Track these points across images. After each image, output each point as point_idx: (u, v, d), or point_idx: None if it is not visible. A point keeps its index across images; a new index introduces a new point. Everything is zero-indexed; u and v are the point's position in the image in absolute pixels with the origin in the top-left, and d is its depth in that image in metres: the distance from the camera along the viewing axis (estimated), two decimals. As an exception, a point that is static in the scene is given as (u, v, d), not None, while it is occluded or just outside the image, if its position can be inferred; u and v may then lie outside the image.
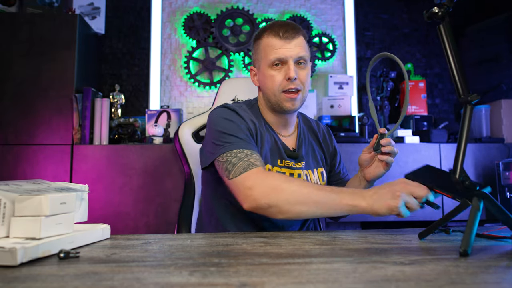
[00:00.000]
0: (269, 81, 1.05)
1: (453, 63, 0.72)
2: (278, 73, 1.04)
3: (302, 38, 1.06)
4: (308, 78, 1.07)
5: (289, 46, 1.02)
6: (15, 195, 0.63)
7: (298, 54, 1.03)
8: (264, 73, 1.07)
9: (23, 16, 2.03)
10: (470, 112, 0.70)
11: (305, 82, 1.05)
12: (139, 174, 1.93)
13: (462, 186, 0.69)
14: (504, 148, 2.14)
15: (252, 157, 0.94)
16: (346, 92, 2.46)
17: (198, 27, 2.50)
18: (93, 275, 0.50)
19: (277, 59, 1.03)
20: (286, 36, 1.02)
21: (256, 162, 0.93)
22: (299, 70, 1.04)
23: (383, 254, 0.62)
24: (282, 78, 1.04)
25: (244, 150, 0.96)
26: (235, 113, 1.06)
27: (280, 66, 1.04)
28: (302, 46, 1.05)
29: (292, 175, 1.09)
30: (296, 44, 1.03)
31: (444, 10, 0.73)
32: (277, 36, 1.03)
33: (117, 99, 2.24)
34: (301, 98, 1.07)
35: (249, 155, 0.95)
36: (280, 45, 1.03)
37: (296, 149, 1.14)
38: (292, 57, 1.03)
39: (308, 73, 1.07)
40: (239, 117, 1.06)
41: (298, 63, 1.05)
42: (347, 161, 2.04)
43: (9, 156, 1.92)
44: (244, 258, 0.60)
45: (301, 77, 1.04)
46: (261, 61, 1.07)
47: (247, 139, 1.00)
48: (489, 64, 2.42)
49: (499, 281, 0.47)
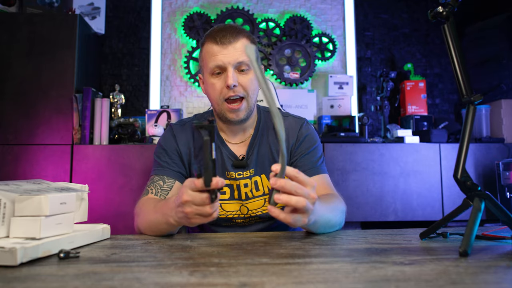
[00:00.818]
0: (211, 89, 1.01)
1: (457, 64, 0.72)
2: (218, 81, 0.99)
3: (245, 41, 0.99)
4: (252, 84, 0.99)
5: (227, 51, 0.96)
6: (15, 195, 0.63)
7: (237, 59, 0.96)
8: (207, 82, 1.02)
9: (23, 16, 2.03)
10: (473, 113, 0.70)
11: (248, 88, 0.99)
12: (139, 174, 1.93)
13: (464, 186, 0.69)
14: (504, 148, 2.14)
15: (152, 184, 1.01)
16: (346, 92, 2.46)
17: (198, 27, 2.50)
18: (93, 275, 0.50)
19: (215, 66, 0.97)
20: (223, 42, 0.96)
21: (151, 189, 1.00)
22: (240, 76, 0.98)
23: (383, 254, 0.62)
24: (222, 86, 0.98)
25: (155, 177, 1.03)
26: (171, 135, 1.09)
27: (220, 74, 0.99)
28: (243, 50, 0.97)
29: (238, 186, 1.06)
30: (235, 49, 0.97)
31: (449, 9, 0.73)
32: (215, 42, 0.97)
33: (117, 99, 2.24)
34: (247, 107, 1.00)
35: (154, 182, 1.02)
36: (218, 51, 0.97)
37: (246, 156, 1.07)
38: (230, 63, 0.96)
39: (252, 78, 0.99)
40: (172, 139, 1.08)
41: (240, 69, 0.98)
42: (347, 161, 2.05)
43: (9, 156, 1.92)
44: (244, 258, 0.60)
45: (243, 83, 0.98)
46: (204, 69, 1.03)
47: (165, 164, 1.04)
48: (489, 64, 2.42)
49: (499, 281, 0.47)
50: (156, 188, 1.00)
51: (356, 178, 2.04)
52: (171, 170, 1.03)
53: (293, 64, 2.53)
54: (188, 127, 1.10)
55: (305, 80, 2.52)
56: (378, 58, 2.66)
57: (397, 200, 2.04)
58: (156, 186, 1.01)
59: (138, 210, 0.95)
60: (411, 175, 2.05)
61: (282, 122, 0.61)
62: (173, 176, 1.03)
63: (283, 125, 0.62)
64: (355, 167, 2.05)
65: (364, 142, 2.11)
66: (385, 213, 2.03)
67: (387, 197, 2.04)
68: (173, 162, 1.05)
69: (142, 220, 0.91)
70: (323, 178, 1.04)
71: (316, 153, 1.08)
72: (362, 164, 2.05)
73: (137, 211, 0.96)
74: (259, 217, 1.08)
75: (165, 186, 1.01)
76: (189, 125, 1.11)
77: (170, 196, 1.00)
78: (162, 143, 1.08)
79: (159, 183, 1.01)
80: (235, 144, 1.09)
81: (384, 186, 2.04)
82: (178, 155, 1.06)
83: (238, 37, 0.98)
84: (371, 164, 2.05)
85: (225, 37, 0.97)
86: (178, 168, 1.05)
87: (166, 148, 1.06)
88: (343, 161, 2.05)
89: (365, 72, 2.65)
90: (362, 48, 2.66)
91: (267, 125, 1.12)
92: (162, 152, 1.06)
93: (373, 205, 2.03)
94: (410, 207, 2.04)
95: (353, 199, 2.02)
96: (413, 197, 2.05)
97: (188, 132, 1.09)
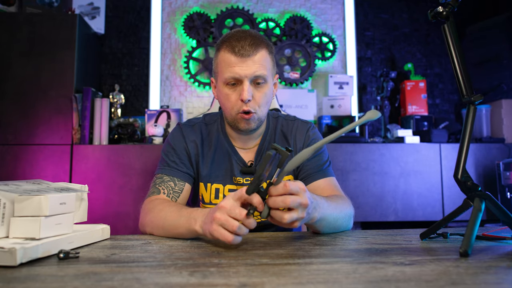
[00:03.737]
0: (224, 99, 0.99)
1: (457, 64, 0.72)
2: (233, 93, 0.97)
3: (264, 53, 0.96)
4: (265, 98, 0.98)
5: (245, 64, 0.93)
6: (15, 195, 0.63)
7: (254, 73, 0.94)
8: (220, 90, 1.00)
9: (22, 16, 2.02)
10: (473, 113, 0.70)
11: (260, 103, 0.97)
12: (139, 174, 1.93)
13: (465, 186, 0.69)
14: (505, 148, 2.14)
15: (163, 184, 1.00)
16: (346, 92, 2.46)
17: (198, 27, 2.50)
18: (93, 275, 0.50)
19: (231, 78, 0.95)
20: (241, 54, 0.93)
21: (163, 189, 0.99)
22: (255, 90, 0.96)
23: (383, 254, 0.62)
24: (236, 99, 0.96)
25: (165, 177, 1.01)
26: (180, 134, 1.07)
27: (235, 85, 0.96)
28: (261, 63, 0.95)
29: None
30: (254, 62, 0.94)
31: (449, 9, 0.73)
32: (233, 52, 0.94)
33: (117, 99, 2.24)
34: (257, 118, 0.99)
35: (165, 182, 1.01)
36: (235, 62, 0.93)
37: (254, 162, 1.08)
38: (247, 77, 0.94)
39: (266, 92, 0.98)
40: (181, 138, 1.06)
41: (256, 82, 0.96)
42: (347, 161, 2.04)
43: (9, 156, 1.91)
44: (244, 258, 0.60)
45: (257, 98, 0.97)
46: (218, 76, 1.00)
47: (174, 164, 1.03)
48: (489, 64, 2.42)
49: (499, 282, 0.47)
50: (168, 189, 0.99)
51: (356, 178, 2.04)
52: (180, 171, 1.03)
53: (293, 64, 2.53)
54: (197, 128, 1.09)
55: (305, 80, 2.52)
56: (378, 58, 2.66)
57: (397, 200, 2.04)
58: (168, 186, 1.00)
59: (151, 207, 0.92)
60: (411, 175, 2.05)
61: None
62: (183, 178, 1.02)
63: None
64: (355, 167, 2.05)
65: (364, 142, 2.11)
66: (385, 213, 2.03)
67: (388, 197, 2.04)
68: (182, 162, 1.04)
69: (155, 217, 0.87)
70: (330, 181, 1.04)
71: (323, 157, 1.07)
72: (362, 164, 2.05)
73: (148, 207, 0.93)
74: (265, 224, 1.08)
75: (176, 188, 1.00)
76: (198, 126, 1.09)
77: (181, 198, 1.01)
78: (171, 141, 1.07)
79: (170, 184, 1.00)
80: (244, 150, 1.09)
81: (384, 186, 2.04)
82: (187, 154, 1.05)
83: (258, 49, 0.94)
84: (371, 164, 2.05)
85: (244, 49, 0.93)
86: (186, 169, 1.04)
87: (175, 147, 1.05)
88: (343, 161, 2.05)
89: (365, 72, 2.65)
90: (362, 48, 2.66)
91: (275, 131, 1.11)
92: (171, 150, 1.05)
93: (373, 205, 2.03)
94: (410, 207, 2.04)
95: (353, 199, 2.02)
96: (414, 197, 2.05)
97: (198, 133, 1.08)
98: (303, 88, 2.53)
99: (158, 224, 0.86)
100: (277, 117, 1.14)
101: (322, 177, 1.03)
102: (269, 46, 0.99)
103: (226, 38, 0.97)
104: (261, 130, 1.09)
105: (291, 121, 1.13)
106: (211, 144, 1.08)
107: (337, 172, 2.03)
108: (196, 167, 1.07)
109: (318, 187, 1.02)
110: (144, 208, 0.95)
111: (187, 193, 1.03)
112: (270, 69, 0.99)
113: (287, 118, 1.14)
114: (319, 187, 1.02)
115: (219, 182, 1.06)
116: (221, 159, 1.07)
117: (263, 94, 0.98)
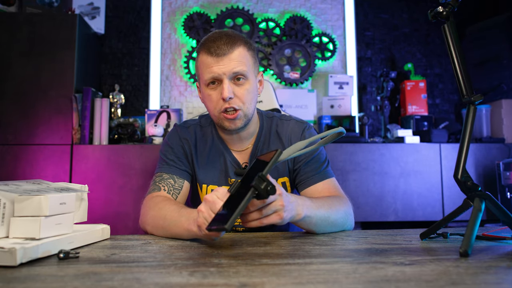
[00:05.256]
0: (207, 101, 1.00)
1: (457, 64, 0.72)
2: (214, 92, 0.97)
3: (241, 50, 0.96)
4: (248, 94, 0.98)
5: (222, 62, 0.94)
6: (15, 195, 0.63)
7: (232, 70, 0.94)
8: (203, 92, 1.00)
9: (22, 16, 2.02)
10: (473, 113, 0.70)
11: (244, 99, 0.97)
12: (139, 174, 1.93)
13: (465, 186, 0.69)
14: (505, 148, 2.14)
15: (163, 181, 1.01)
16: (346, 92, 2.46)
17: (198, 27, 2.50)
18: (93, 275, 0.50)
19: (210, 78, 0.95)
20: (217, 53, 0.93)
21: (163, 187, 1.00)
22: (236, 88, 0.96)
23: (383, 254, 0.62)
24: (218, 98, 0.96)
25: (164, 175, 1.03)
26: (176, 134, 1.09)
27: (216, 84, 0.97)
28: (239, 60, 0.95)
29: None
30: (230, 59, 0.94)
31: (449, 9, 0.73)
32: (209, 53, 0.94)
33: (117, 99, 2.24)
34: (243, 115, 0.98)
35: (164, 179, 1.01)
36: (212, 62, 0.94)
37: (249, 164, 1.07)
38: (225, 74, 0.94)
39: (249, 88, 0.97)
40: (177, 137, 1.08)
41: (236, 78, 0.96)
42: (347, 161, 2.04)
43: (9, 156, 1.91)
44: (244, 258, 0.60)
45: (239, 95, 0.96)
46: (200, 79, 1.01)
47: (172, 162, 1.05)
48: (489, 64, 2.42)
49: (499, 282, 0.47)
50: (168, 186, 1.00)
51: (356, 178, 2.04)
52: (178, 169, 1.04)
53: (293, 64, 2.53)
54: (192, 130, 1.10)
55: (305, 80, 2.52)
56: (378, 58, 2.66)
57: (397, 200, 2.04)
58: (168, 184, 1.00)
59: (152, 204, 0.93)
60: (411, 175, 2.05)
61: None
62: (182, 176, 1.04)
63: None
64: (355, 167, 2.05)
65: (364, 142, 2.11)
66: (385, 213, 2.03)
67: (387, 197, 2.04)
68: (180, 161, 1.05)
69: (156, 215, 0.88)
70: (329, 183, 1.03)
71: (320, 158, 1.05)
72: (362, 164, 2.05)
73: (149, 204, 0.93)
74: (260, 227, 1.07)
75: (176, 185, 1.01)
76: (193, 128, 1.10)
77: (181, 195, 1.01)
78: (168, 141, 1.09)
79: (170, 181, 1.01)
80: (239, 151, 1.09)
81: (384, 186, 2.04)
82: (184, 153, 1.07)
83: (234, 47, 0.95)
84: (371, 164, 2.05)
85: (220, 48, 0.94)
86: (185, 167, 1.05)
87: (173, 146, 1.07)
88: (343, 161, 2.05)
89: (365, 72, 2.65)
90: (362, 48, 2.66)
91: (269, 132, 1.10)
92: (169, 149, 1.07)
93: (373, 205, 2.03)
94: (410, 207, 2.04)
95: (353, 199, 2.02)
96: (414, 197, 2.05)
97: (192, 134, 1.09)
98: (303, 88, 2.53)
99: (158, 222, 0.87)
100: (272, 117, 1.13)
101: (320, 180, 1.02)
102: (247, 43, 0.99)
103: (203, 41, 0.98)
104: (254, 130, 1.08)
105: (286, 121, 1.11)
106: (205, 146, 1.09)
107: (337, 172, 2.03)
108: (193, 165, 1.08)
109: (316, 190, 1.01)
110: (145, 205, 0.96)
111: (186, 190, 1.04)
112: (251, 65, 0.99)
113: (282, 118, 1.13)
114: (317, 190, 1.01)
115: (214, 183, 1.07)
116: (216, 160, 1.08)
117: (245, 91, 0.97)
